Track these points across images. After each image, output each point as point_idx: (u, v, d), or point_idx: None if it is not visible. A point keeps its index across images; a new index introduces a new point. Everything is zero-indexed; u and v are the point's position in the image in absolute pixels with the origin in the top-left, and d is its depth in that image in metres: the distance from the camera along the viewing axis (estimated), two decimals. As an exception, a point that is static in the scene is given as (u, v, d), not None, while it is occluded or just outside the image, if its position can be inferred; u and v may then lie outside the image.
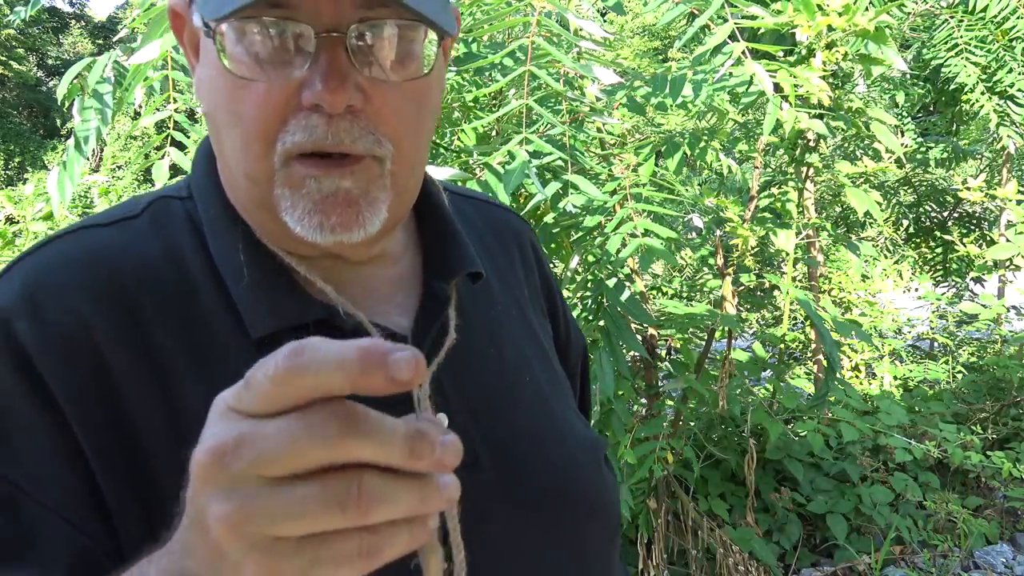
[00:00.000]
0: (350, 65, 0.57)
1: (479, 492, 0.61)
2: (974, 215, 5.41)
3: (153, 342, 0.62)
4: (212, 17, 0.56)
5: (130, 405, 0.59)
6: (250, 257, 0.65)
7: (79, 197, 5.35)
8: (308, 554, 0.35)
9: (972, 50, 3.99)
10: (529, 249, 0.89)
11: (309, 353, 0.34)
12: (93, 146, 2.10)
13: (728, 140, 2.76)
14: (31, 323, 0.59)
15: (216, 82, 0.61)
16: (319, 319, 0.64)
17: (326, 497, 0.34)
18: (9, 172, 26.69)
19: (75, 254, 0.64)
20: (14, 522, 0.56)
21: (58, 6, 36.40)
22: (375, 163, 0.61)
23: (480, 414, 0.70)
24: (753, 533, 3.03)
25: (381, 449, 0.35)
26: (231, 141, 0.62)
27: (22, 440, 0.58)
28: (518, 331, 0.79)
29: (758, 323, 5.28)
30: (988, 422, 4.14)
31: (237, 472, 0.35)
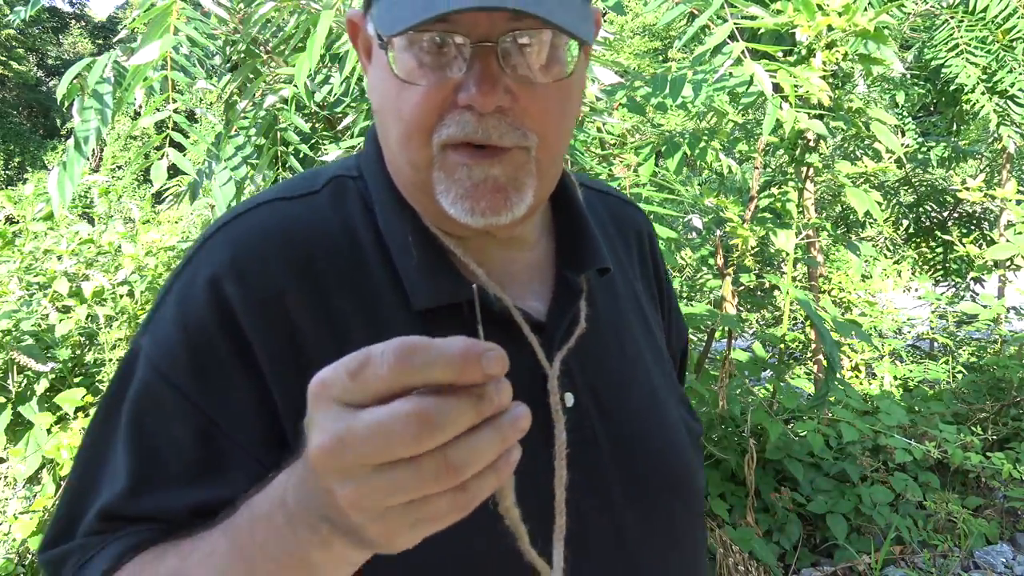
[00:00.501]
0: (500, 70, 0.65)
1: (596, 464, 0.74)
2: (974, 215, 5.41)
3: (332, 306, 0.71)
4: (389, 33, 0.65)
5: (312, 360, 0.66)
6: (417, 238, 0.74)
7: (79, 197, 5.35)
8: (414, 514, 0.45)
9: (972, 50, 3.99)
10: (646, 241, 0.96)
11: (421, 355, 0.43)
12: (93, 146, 2.10)
13: (728, 140, 2.76)
14: (238, 286, 0.69)
15: (385, 84, 0.70)
16: (471, 299, 0.70)
17: (421, 474, 0.43)
18: (9, 172, 26.68)
19: (272, 225, 0.74)
20: (207, 449, 0.67)
21: (58, 6, 36.40)
22: (522, 152, 0.68)
23: (601, 397, 0.77)
24: (753, 533, 3.03)
25: (460, 417, 0.43)
26: (396, 133, 0.70)
27: (223, 386, 0.68)
28: (636, 322, 0.87)
29: (758, 323, 5.28)
30: (988, 422, 4.14)
31: (347, 465, 0.44)
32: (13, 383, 2.95)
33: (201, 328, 0.69)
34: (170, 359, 0.69)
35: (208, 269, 0.71)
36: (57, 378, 3.14)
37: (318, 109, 2.34)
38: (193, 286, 0.71)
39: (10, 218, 3.64)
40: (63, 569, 0.70)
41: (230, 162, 2.37)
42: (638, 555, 0.76)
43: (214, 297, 0.69)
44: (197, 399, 0.68)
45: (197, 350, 0.69)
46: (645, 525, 0.77)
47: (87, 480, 0.71)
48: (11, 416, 2.91)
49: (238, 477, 0.66)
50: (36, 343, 3.02)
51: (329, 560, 0.52)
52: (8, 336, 2.96)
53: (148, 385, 0.69)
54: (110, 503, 0.68)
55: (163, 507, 0.67)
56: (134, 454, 0.69)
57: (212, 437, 0.68)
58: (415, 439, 0.42)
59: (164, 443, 0.68)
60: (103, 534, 0.69)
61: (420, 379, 0.43)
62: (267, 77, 2.19)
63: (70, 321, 3.06)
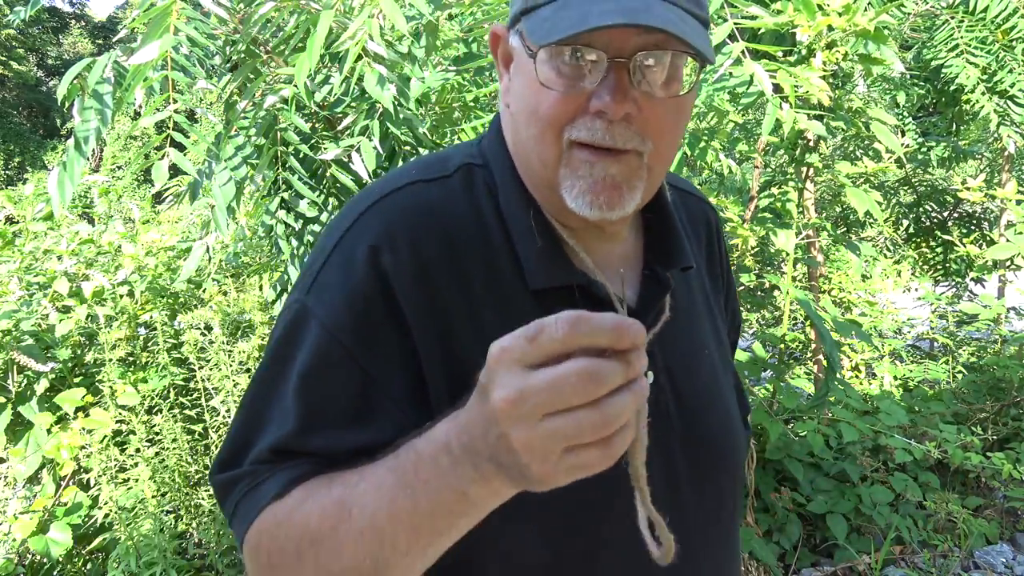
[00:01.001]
0: (630, 84, 0.75)
1: (667, 436, 0.85)
2: (974, 215, 5.41)
3: (467, 278, 0.81)
4: (541, 41, 0.74)
5: (453, 326, 0.79)
6: (536, 226, 0.84)
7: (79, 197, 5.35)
8: (571, 459, 0.57)
9: (972, 50, 3.99)
10: (714, 234, 1.06)
11: (586, 323, 0.55)
12: (93, 146, 2.10)
13: (728, 140, 2.76)
14: (393, 256, 0.79)
15: (526, 89, 0.80)
16: (580, 284, 0.83)
17: (581, 423, 0.55)
18: (9, 172, 26.67)
19: (418, 203, 0.84)
20: (363, 399, 0.78)
21: (58, 6, 36.39)
22: (637, 157, 0.78)
23: (675, 378, 0.88)
24: (753, 533, 3.03)
25: (615, 376, 0.55)
26: (529, 132, 0.80)
27: (380, 345, 0.78)
28: (704, 312, 0.98)
29: (758, 323, 5.28)
30: (988, 422, 4.13)
31: (525, 413, 0.56)
32: (13, 383, 2.95)
33: (363, 293, 0.79)
34: (337, 320, 0.79)
35: (367, 240, 0.81)
36: (57, 378, 3.14)
37: (318, 109, 2.34)
38: (354, 255, 0.80)
39: (10, 218, 3.64)
40: (234, 490, 0.81)
41: (230, 162, 2.37)
42: (691, 517, 0.86)
43: (373, 266, 0.79)
44: (359, 356, 0.78)
45: (359, 313, 0.79)
46: (698, 492, 0.88)
47: (256, 418, 0.82)
48: (11, 416, 2.91)
49: (385, 425, 0.77)
50: (36, 343, 3.02)
51: (483, 494, 0.63)
52: (8, 336, 2.96)
53: (319, 342, 0.79)
54: (280, 439, 0.79)
55: (328, 446, 0.77)
56: (304, 399, 0.79)
57: (370, 391, 0.78)
58: (583, 390, 0.55)
59: (330, 392, 0.79)
60: (272, 464, 0.79)
61: (586, 342, 0.55)
62: (267, 77, 2.19)
63: (70, 321, 3.06)
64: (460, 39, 2.40)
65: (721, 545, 0.93)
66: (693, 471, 0.87)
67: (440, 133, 2.56)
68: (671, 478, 0.85)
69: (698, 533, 0.87)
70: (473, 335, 0.79)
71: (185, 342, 3.10)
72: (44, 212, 3.48)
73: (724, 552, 0.93)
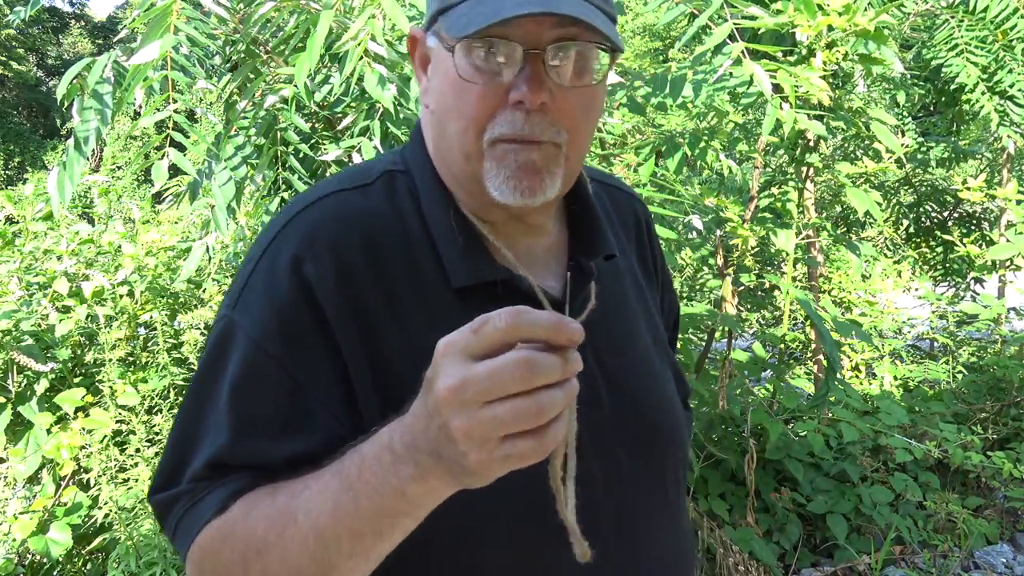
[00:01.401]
0: (545, 74, 0.78)
1: (598, 422, 0.86)
2: (974, 215, 5.41)
3: (390, 282, 0.84)
4: (458, 35, 0.76)
5: (376, 329, 0.82)
6: (456, 225, 0.86)
7: (79, 197, 5.35)
8: (507, 448, 0.60)
9: (972, 50, 3.98)
10: (644, 227, 1.09)
11: (527, 316, 0.59)
12: (93, 146, 2.10)
13: (728, 140, 2.76)
14: (315, 266, 0.81)
15: (445, 85, 0.82)
16: (503, 279, 0.85)
17: (518, 411, 0.59)
18: (9, 172, 26.66)
19: (338, 212, 0.86)
20: (296, 407, 0.80)
21: (58, 6, 36.39)
22: (555, 147, 0.81)
23: (605, 365, 0.90)
24: (753, 533, 3.03)
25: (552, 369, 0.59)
26: (454, 127, 0.82)
27: (308, 353, 0.80)
28: (634, 299, 1.00)
29: (758, 323, 5.28)
30: (988, 422, 4.13)
31: (466, 400, 0.59)
32: (13, 383, 2.94)
33: (287, 303, 0.81)
34: (263, 330, 0.81)
35: (288, 251, 0.83)
36: (57, 378, 3.13)
37: (318, 109, 2.34)
38: (276, 267, 0.83)
39: (10, 218, 3.64)
40: (173, 509, 0.82)
41: (230, 162, 2.37)
42: (630, 501, 0.90)
43: (296, 276, 0.81)
44: (286, 364, 0.80)
45: (285, 322, 0.81)
46: (639, 476, 0.90)
47: (190, 434, 0.83)
48: (11, 416, 2.91)
49: (319, 431, 0.79)
50: (36, 343, 3.02)
51: (421, 492, 0.66)
52: (8, 336, 2.96)
53: (246, 353, 0.81)
54: (215, 453, 0.80)
55: (263, 455, 0.79)
56: (235, 410, 0.80)
57: (300, 397, 0.80)
58: (520, 378, 0.58)
59: (261, 402, 0.80)
60: (210, 480, 0.80)
61: (527, 334, 0.59)
62: (267, 77, 2.18)
63: (70, 321, 3.06)
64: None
65: (668, 519, 0.96)
66: (632, 449, 0.90)
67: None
68: (607, 461, 0.87)
69: (644, 510, 0.91)
70: (397, 337, 0.82)
71: (185, 342, 3.10)
72: (44, 212, 3.48)
73: (671, 524, 0.96)
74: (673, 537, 0.97)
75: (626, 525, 0.89)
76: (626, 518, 0.89)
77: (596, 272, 0.93)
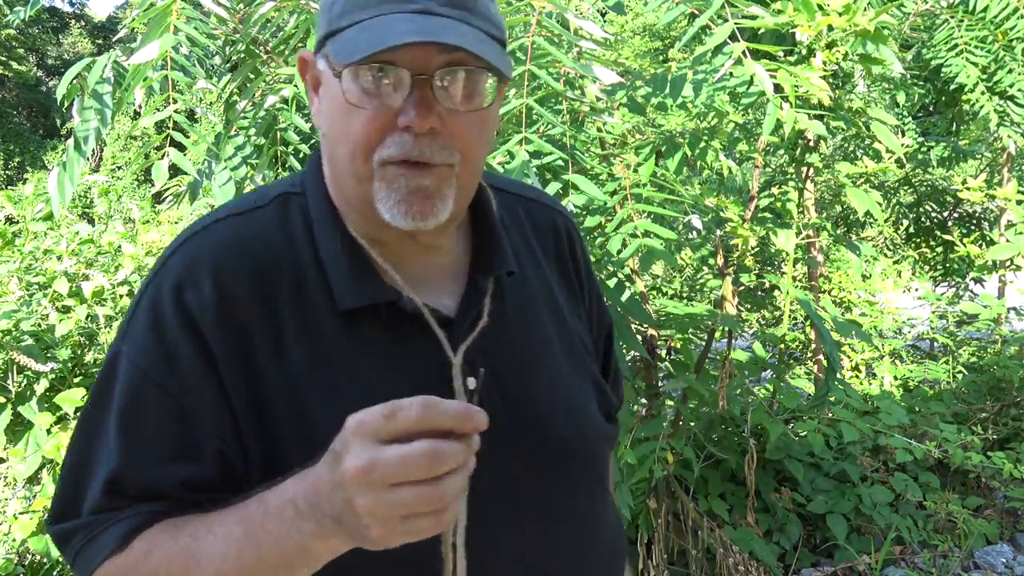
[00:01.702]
0: (433, 99, 0.79)
1: (494, 437, 0.83)
2: (974, 215, 5.41)
3: (275, 306, 0.84)
4: (344, 61, 0.77)
5: (256, 356, 0.82)
6: (344, 247, 0.87)
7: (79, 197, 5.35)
8: (407, 525, 0.65)
9: (972, 50, 3.98)
10: (564, 238, 1.08)
11: (437, 408, 0.64)
12: (93, 146, 2.10)
13: (728, 140, 2.76)
14: (196, 293, 0.82)
15: (334, 109, 0.82)
16: (389, 300, 0.85)
17: (420, 496, 0.63)
18: (9, 172, 26.66)
19: (223, 240, 0.87)
20: (182, 433, 0.80)
21: (58, 6, 36.38)
22: (447, 169, 0.82)
23: (502, 381, 0.89)
24: (753, 533, 3.03)
25: (456, 458, 0.64)
26: (343, 151, 0.83)
27: (190, 379, 0.81)
28: (546, 315, 0.99)
29: (758, 323, 5.28)
30: (988, 422, 4.13)
31: (373, 481, 0.63)
32: (13, 383, 2.95)
33: (170, 332, 0.82)
34: (147, 358, 0.82)
35: (172, 281, 0.84)
36: (57, 378, 3.13)
37: (318, 109, 2.34)
38: (160, 296, 0.84)
39: (10, 218, 3.64)
40: (71, 541, 0.82)
41: (230, 162, 2.37)
42: (534, 513, 0.90)
43: (177, 304, 0.82)
44: (171, 390, 0.81)
45: (169, 351, 0.81)
46: (543, 489, 0.91)
47: (83, 463, 0.83)
48: (11, 416, 2.91)
49: (211, 459, 0.80)
50: (36, 343, 3.02)
51: (322, 549, 0.70)
52: (8, 336, 2.96)
53: (131, 381, 0.82)
54: (108, 477, 0.81)
55: (155, 481, 0.80)
56: (124, 436, 0.81)
57: (185, 422, 0.81)
58: (426, 468, 0.63)
59: (149, 428, 0.81)
60: (109, 512, 0.81)
61: (435, 425, 0.64)
62: (267, 77, 2.18)
63: (70, 321, 3.06)
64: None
65: (583, 529, 0.96)
66: (534, 467, 0.90)
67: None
68: (504, 475, 0.88)
69: (550, 522, 0.91)
70: (277, 363, 0.83)
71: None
72: (44, 212, 3.48)
73: (588, 535, 0.97)
74: (588, 551, 0.96)
75: (530, 539, 0.89)
76: (528, 527, 0.90)
77: (498, 289, 0.93)
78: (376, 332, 0.85)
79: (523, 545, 0.89)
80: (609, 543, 1.02)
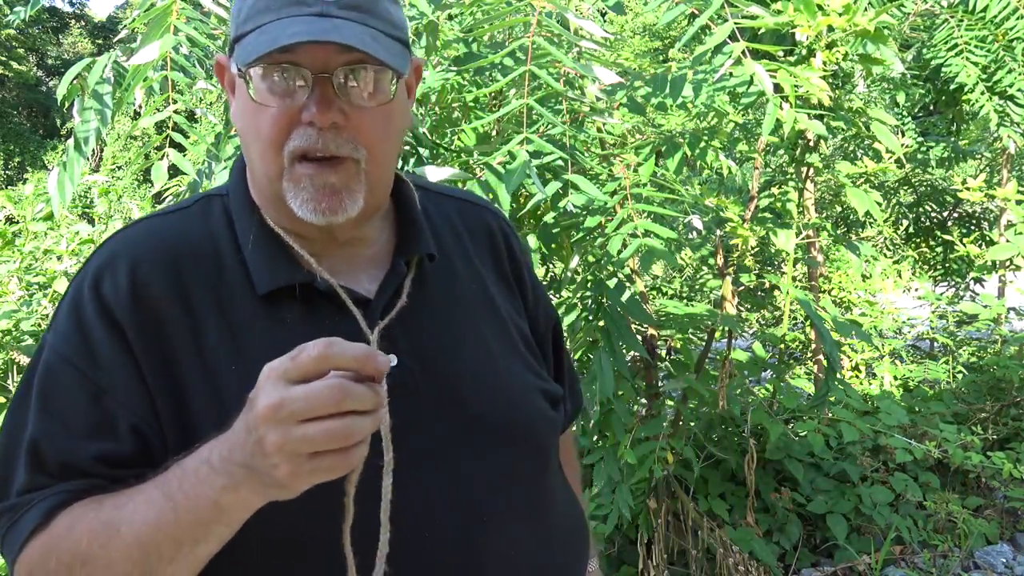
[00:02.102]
0: (334, 95, 0.83)
1: (415, 413, 0.90)
2: (974, 215, 5.41)
3: (192, 295, 0.88)
4: (243, 63, 0.82)
5: (174, 342, 0.86)
6: (261, 236, 0.91)
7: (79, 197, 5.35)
8: (315, 462, 0.67)
9: (972, 50, 3.98)
10: (500, 239, 1.11)
11: (337, 347, 0.67)
12: (93, 146, 2.10)
13: (728, 140, 2.75)
14: (112, 284, 0.87)
15: (245, 109, 0.87)
16: (304, 282, 0.90)
17: (328, 431, 0.66)
18: (9, 172, 26.65)
19: (144, 235, 0.93)
20: (99, 411, 0.84)
21: (58, 6, 36.38)
22: (353, 163, 0.86)
23: (425, 358, 0.93)
24: (753, 533, 3.03)
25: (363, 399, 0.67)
26: (255, 149, 0.88)
27: (105, 361, 0.85)
28: (476, 302, 1.02)
29: (758, 323, 5.28)
30: (988, 422, 4.13)
31: (282, 418, 0.66)
32: (13, 383, 2.94)
33: (87, 317, 0.87)
34: (66, 343, 0.87)
35: (92, 271, 0.89)
36: (57, 378, 3.13)
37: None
38: (81, 286, 0.89)
39: (10, 218, 3.64)
40: None
41: (230, 162, 2.36)
42: (463, 488, 0.91)
43: (95, 294, 0.87)
44: (87, 371, 0.85)
45: (85, 335, 0.86)
46: (473, 464, 0.92)
47: (10, 445, 0.87)
48: (11, 416, 2.91)
49: (124, 432, 0.84)
50: (36, 343, 3.02)
51: (232, 502, 0.72)
52: (8, 336, 2.96)
53: (50, 364, 0.87)
54: (28, 454, 0.84)
55: (71, 455, 0.83)
56: (43, 415, 0.85)
57: (102, 402, 0.84)
58: (332, 402, 0.65)
59: (66, 406, 0.85)
60: (34, 492, 0.83)
61: (336, 363, 0.66)
62: (267, 77, 2.18)
63: (70, 321, 3.05)
64: (460, 39, 2.40)
65: (524, 511, 0.96)
66: (462, 442, 0.92)
67: (440, 133, 2.56)
68: (428, 449, 0.90)
69: (482, 499, 0.92)
70: (192, 347, 0.87)
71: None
72: (44, 212, 3.48)
73: (530, 518, 0.97)
74: (531, 533, 0.96)
75: (460, 513, 0.90)
76: (458, 503, 0.90)
77: (421, 273, 0.97)
78: (292, 314, 0.89)
79: (453, 517, 0.89)
80: (559, 528, 1.02)
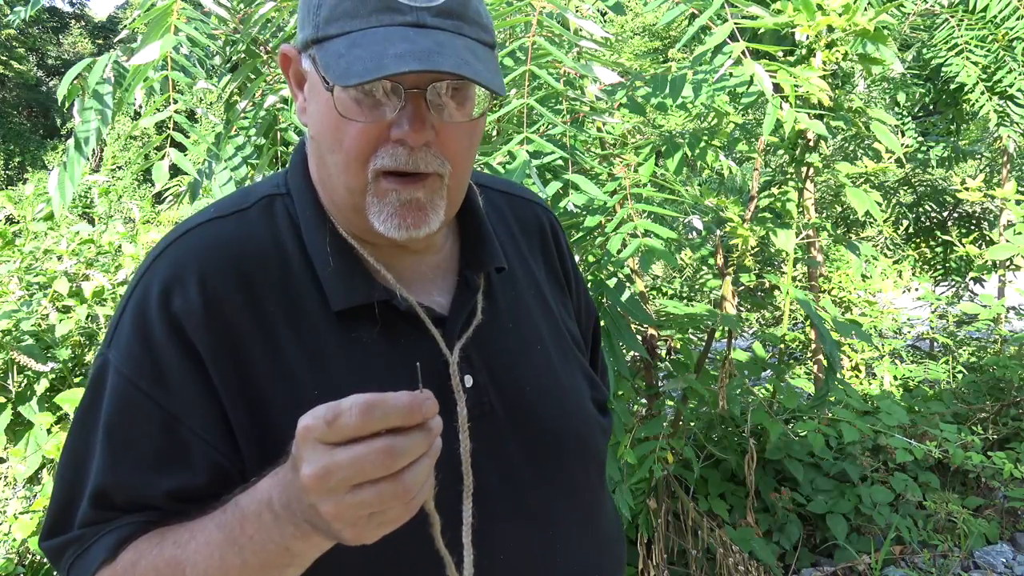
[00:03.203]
0: (427, 112, 0.78)
1: (493, 433, 0.87)
2: (974, 215, 5.41)
3: (263, 310, 0.84)
4: (342, 83, 0.75)
5: (248, 358, 0.82)
6: (334, 247, 0.87)
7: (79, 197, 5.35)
8: (378, 519, 0.64)
9: (972, 50, 3.98)
10: (548, 232, 1.09)
11: (379, 408, 0.61)
12: (93, 146, 2.10)
13: (728, 140, 2.76)
14: (183, 299, 0.82)
15: (326, 118, 0.81)
16: (382, 300, 0.85)
17: (383, 493, 0.62)
18: (9, 172, 26.65)
19: (209, 243, 0.86)
20: (171, 441, 0.80)
21: (58, 6, 36.37)
22: (438, 179, 0.82)
23: (498, 376, 0.90)
24: (753, 533, 3.03)
25: (415, 449, 0.62)
26: (334, 160, 0.83)
27: (176, 384, 0.80)
28: (535, 309, 1.00)
29: (758, 323, 5.28)
30: (988, 422, 4.13)
31: (332, 487, 0.62)
32: (13, 383, 2.95)
33: (157, 339, 0.81)
34: (133, 366, 0.81)
35: (157, 285, 0.83)
36: (57, 378, 3.13)
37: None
38: (146, 301, 0.83)
39: (10, 218, 3.64)
40: (63, 556, 0.82)
41: (230, 162, 2.37)
42: (536, 507, 0.90)
43: (164, 310, 0.82)
44: (158, 398, 0.80)
45: (156, 358, 0.81)
46: (544, 482, 0.91)
47: (74, 477, 0.83)
48: (11, 416, 2.91)
49: (201, 466, 0.80)
50: (36, 343, 3.02)
51: (305, 548, 0.70)
52: (8, 336, 2.96)
53: (118, 390, 0.81)
54: (96, 488, 0.81)
55: (142, 490, 0.80)
56: (112, 447, 0.81)
57: (174, 429, 0.80)
58: (383, 466, 0.61)
59: (136, 438, 0.81)
60: (98, 524, 0.80)
61: (380, 426, 0.61)
62: (267, 77, 2.19)
63: (70, 321, 3.06)
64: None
65: (584, 521, 0.96)
66: (533, 460, 0.90)
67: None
68: (505, 470, 0.88)
69: (552, 516, 0.91)
70: (271, 364, 0.82)
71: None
72: (44, 212, 3.48)
73: (585, 530, 0.96)
74: (589, 543, 0.96)
75: (533, 533, 0.89)
76: (529, 522, 0.89)
77: (488, 285, 0.94)
78: (370, 332, 0.86)
79: (528, 537, 0.89)
80: (609, 535, 1.03)
